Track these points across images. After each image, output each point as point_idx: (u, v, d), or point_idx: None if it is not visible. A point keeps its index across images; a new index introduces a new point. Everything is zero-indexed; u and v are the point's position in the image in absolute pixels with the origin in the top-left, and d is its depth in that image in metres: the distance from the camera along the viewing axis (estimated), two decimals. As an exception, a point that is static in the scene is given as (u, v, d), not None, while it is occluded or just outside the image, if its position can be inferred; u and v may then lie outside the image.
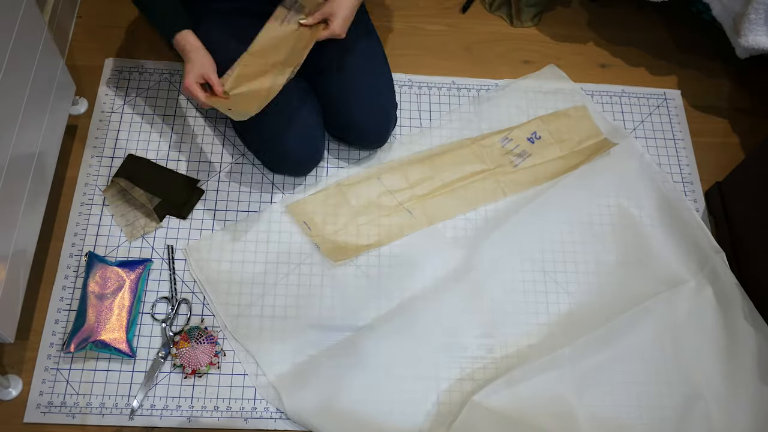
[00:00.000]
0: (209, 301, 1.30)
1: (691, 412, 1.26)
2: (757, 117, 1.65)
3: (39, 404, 1.19)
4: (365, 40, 1.41)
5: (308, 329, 1.29)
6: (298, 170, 1.41)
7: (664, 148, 1.57)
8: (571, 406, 1.24)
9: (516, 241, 1.40)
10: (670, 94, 1.65)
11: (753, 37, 1.43)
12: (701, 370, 1.29)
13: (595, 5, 1.79)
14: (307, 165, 1.40)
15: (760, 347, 1.30)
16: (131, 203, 1.37)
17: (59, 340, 1.25)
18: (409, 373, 1.26)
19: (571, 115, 1.56)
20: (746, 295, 1.35)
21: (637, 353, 1.30)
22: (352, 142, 1.45)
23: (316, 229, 1.37)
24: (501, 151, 1.50)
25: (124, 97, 1.50)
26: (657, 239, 1.42)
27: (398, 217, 1.40)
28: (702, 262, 1.39)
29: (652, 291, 1.35)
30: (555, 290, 1.37)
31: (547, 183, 1.47)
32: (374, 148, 1.48)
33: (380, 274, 1.35)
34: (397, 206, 1.41)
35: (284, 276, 1.33)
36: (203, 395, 1.23)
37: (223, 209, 1.40)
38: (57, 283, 1.29)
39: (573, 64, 1.68)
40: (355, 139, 1.43)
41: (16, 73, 1.12)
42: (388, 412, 1.23)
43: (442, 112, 1.56)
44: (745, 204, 1.39)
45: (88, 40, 1.58)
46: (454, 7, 1.76)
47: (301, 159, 1.37)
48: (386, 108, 1.41)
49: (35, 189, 1.21)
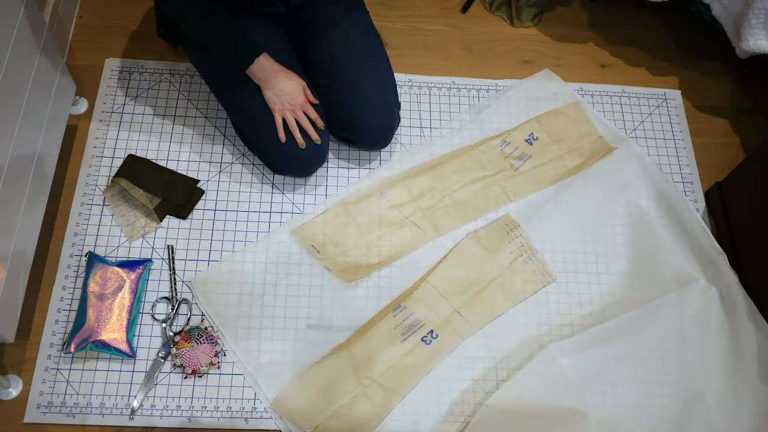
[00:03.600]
0: (215, 326, 1.30)
1: (692, 412, 1.26)
2: (757, 117, 1.65)
3: (39, 404, 1.19)
4: (367, 40, 1.41)
5: (308, 329, 1.28)
6: (303, 171, 1.40)
7: (664, 148, 1.57)
8: (578, 404, 1.24)
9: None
10: (670, 94, 1.65)
11: (754, 41, 1.43)
12: (704, 370, 1.29)
13: (595, 5, 1.79)
14: (312, 166, 1.39)
15: (761, 348, 1.30)
16: (131, 203, 1.37)
17: (59, 340, 1.25)
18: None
19: (566, 113, 1.56)
20: (748, 296, 1.35)
21: (643, 352, 1.30)
22: (357, 142, 1.44)
23: (325, 251, 1.35)
24: (501, 155, 1.49)
25: (124, 97, 1.50)
26: (666, 239, 1.42)
27: (406, 231, 1.39)
28: (706, 263, 1.39)
29: (662, 290, 1.35)
30: (564, 291, 1.37)
31: (552, 187, 1.47)
32: (379, 148, 1.47)
33: (380, 275, 1.35)
34: (404, 220, 1.40)
35: (284, 276, 1.33)
36: (203, 395, 1.23)
37: (223, 209, 1.40)
38: (57, 283, 1.29)
39: (573, 64, 1.68)
40: (360, 139, 1.42)
41: (17, 73, 1.12)
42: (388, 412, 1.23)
43: (442, 113, 1.56)
44: (745, 204, 1.39)
45: (89, 40, 1.58)
46: (455, 7, 1.76)
47: (306, 160, 1.36)
48: (390, 108, 1.41)
49: (35, 189, 1.21)
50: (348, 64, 1.37)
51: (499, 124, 1.54)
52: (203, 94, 1.52)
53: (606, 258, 1.41)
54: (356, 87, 1.36)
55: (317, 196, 1.43)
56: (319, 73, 1.39)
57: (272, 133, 1.32)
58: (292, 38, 1.43)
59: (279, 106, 1.30)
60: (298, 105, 1.31)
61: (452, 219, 1.41)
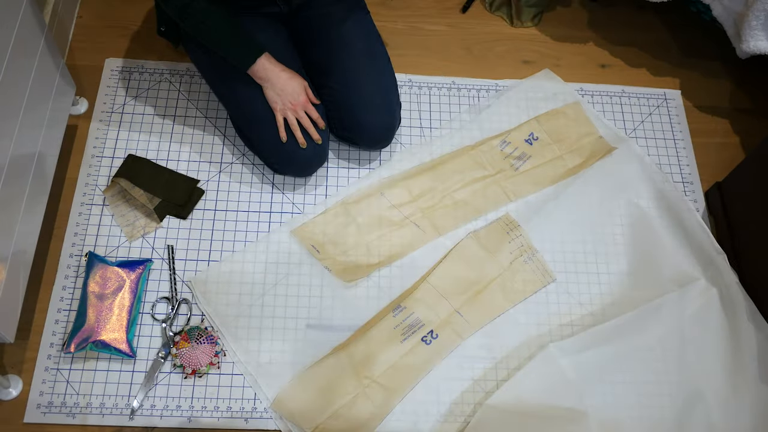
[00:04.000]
0: (217, 330, 1.30)
1: (692, 412, 1.26)
2: (757, 117, 1.65)
3: (39, 404, 1.19)
4: (368, 39, 1.41)
5: (308, 329, 1.28)
6: (304, 171, 1.40)
7: (664, 148, 1.57)
8: (578, 404, 1.24)
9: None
10: (670, 94, 1.65)
11: (754, 41, 1.43)
12: (704, 370, 1.29)
13: (595, 5, 1.79)
14: (313, 166, 1.39)
15: (761, 348, 1.30)
16: (131, 203, 1.37)
17: (59, 340, 1.25)
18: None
19: (566, 113, 1.56)
20: (748, 296, 1.35)
21: (643, 352, 1.30)
22: (358, 142, 1.44)
23: (325, 251, 1.35)
24: (501, 155, 1.49)
25: (124, 97, 1.50)
26: (666, 239, 1.42)
27: (406, 231, 1.39)
28: (706, 263, 1.39)
29: (662, 290, 1.35)
30: (564, 291, 1.37)
31: (552, 187, 1.47)
32: (380, 148, 1.47)
33: (380, 275, 1.35)
34: (404, 220, 1.40)
35: (284, 276, 1.33)
36: (203, 395, 1.23)
37: (224, 209, 1.40)
38: (57, 283, 1.29)
39: (573, 64, 1.68)
40: (361, 139, 1.42)
41: (17, 73, 1.12)
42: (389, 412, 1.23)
43: (442, 113, 1.56)
44: (745, 204, 1.39)
45: (88, 40, 1.58)
46: (455, 7, 1.76)
47: (306, 160, 1.36)
48: (391, 107, 1.41)
49: (35, 189, 1.21)
50: (349, 64, 1.37)
51: (499, 124, 1.54)
52: (203, 94, 1.52)
53: (606, 258, 1.41)
54: (357, 86, 1.36)
55: (317, 196, 1.43)
56: (320, 72, 1.39)
57: (273, 132, 1.32)
58: (293, 38, 1.43)
59: (280, 105, 1.30)
60: (300, 104, 1.31)
61: (452, 219, 1.41)
